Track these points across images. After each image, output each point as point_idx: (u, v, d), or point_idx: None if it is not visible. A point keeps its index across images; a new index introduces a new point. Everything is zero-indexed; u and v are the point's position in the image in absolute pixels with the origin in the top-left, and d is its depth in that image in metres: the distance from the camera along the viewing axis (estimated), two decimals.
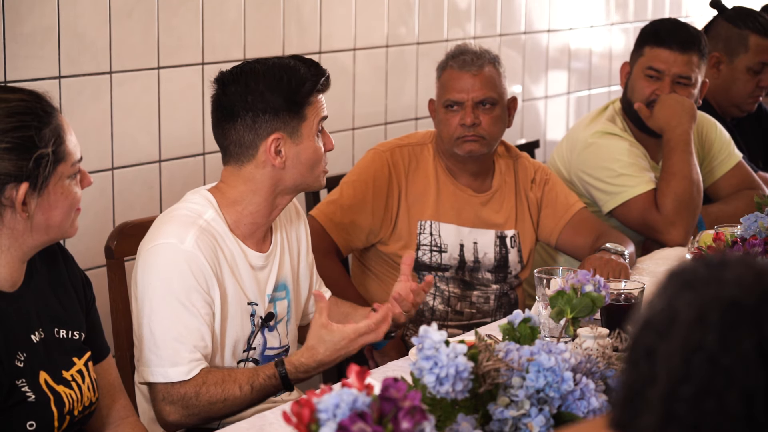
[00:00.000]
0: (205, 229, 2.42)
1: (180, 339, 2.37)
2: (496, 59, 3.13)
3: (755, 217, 2.85)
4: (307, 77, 2.44)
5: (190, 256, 2.37)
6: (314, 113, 2.46)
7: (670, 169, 3.41)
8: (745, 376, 1.11)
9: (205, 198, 2.48)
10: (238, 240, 2.49)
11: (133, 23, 3.19)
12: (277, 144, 2.43)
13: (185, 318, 2.37)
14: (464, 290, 3.17)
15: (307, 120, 2.45)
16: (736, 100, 4.01)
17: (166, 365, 2.37)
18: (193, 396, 2.38)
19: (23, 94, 2.05)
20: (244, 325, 2.49)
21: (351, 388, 1.50)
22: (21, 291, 2.09)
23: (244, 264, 2.49)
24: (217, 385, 2.38)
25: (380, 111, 4.05)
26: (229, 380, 2.39)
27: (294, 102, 2.43)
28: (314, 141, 2.47)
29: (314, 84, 2.45)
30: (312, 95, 2.45)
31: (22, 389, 2.03)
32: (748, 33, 3.99)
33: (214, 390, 2.38)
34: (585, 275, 2.27)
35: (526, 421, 1.83)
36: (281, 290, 2.60)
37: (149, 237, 2.44)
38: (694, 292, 1.15)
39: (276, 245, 2.58)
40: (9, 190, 2.00)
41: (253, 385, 2.38)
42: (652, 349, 1.16)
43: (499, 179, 3.22)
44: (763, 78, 3.99)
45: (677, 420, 1.13)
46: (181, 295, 2.37)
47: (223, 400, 2.38)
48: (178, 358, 2.37)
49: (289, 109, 2.43)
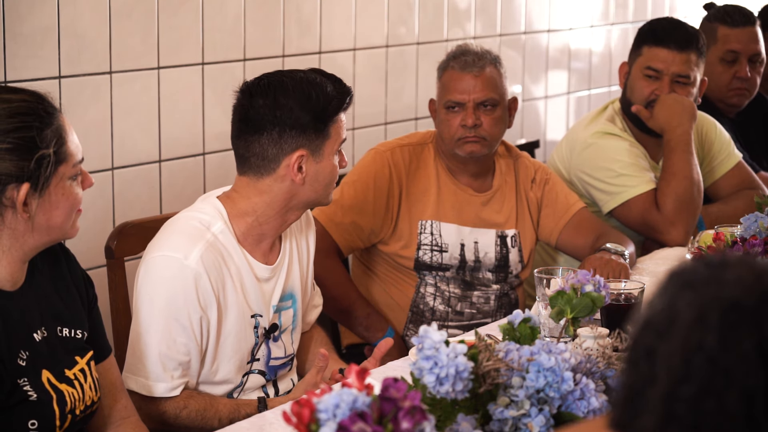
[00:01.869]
0: (212, 244, 2.41)
1: (168, 355, 2.38)
2: (497, 60, 3.13)
3: (755, 217, 2.85)
4: (334, 95, 2.44)
5: (192, 274, 2.37)
6: (337, 132, 2.47)
7: (670, 169, 3.41)
8: (745, 377, 1.11)
9: (215, 208, 2.47)
10: (245, 252, 2.47)
11: (133, 23, 3.19)
12: (300, 161, 2.43)
13: (177, 334, 2.38)
14: (465, 290, 3.17)
15: (330, 139, 2.46)
16: (718, 94, 4.01)
17: (150, 378, 2.38)
18: (171, 417, 2.41)
19: (25, 94, 2.05)
20: (248, 337, 2.49)
21: (351, 388, 1.50)
22: (23, 290, 2.09)
23: (249, 276, 2.48)
24: (198, 412, 2.41)
25: (380, 111, 4.06)
26: (210, 410, 2.41)
27: (321, 120, 2.43)
28: (333, 160, 2.48)
29: (341, 102, 2.45)
30: (337, 113, 2.46)
31: (24, 388, 2.03)
32: (717, 25, 4.00)
33: (194, 417, 2.41)
34: (585, 275, 2.27)
35: (526, 421, 1.83)
36: (287, 300, 2.59)
37: (156, 244, 2.43)
38: (694, 293, 1.15)
39: (284, 256, 2.57)
40: (10, 190, 2.00)
41: (232, 420, 2.37)
42: (652, 349, 1.16)
43: (499, 179, 3.22)
44: (739, 69, 3.98)
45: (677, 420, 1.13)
46: (178, 311, 2.37)
47: (200, 428, 2.41)
48: (162, 375, 2.38)
49: (315, 127, 2.43)
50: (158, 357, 2.38)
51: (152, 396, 2.39)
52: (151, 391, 2.38)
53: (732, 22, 3.97)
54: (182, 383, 2.40)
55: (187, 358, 2.40)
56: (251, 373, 2.53)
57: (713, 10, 4.07)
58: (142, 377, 2.39)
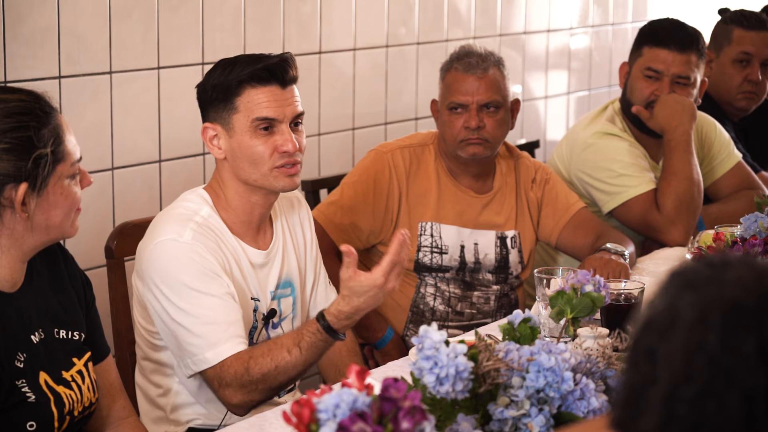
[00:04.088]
0: (202, 225, 2.43)
1: (209, 322, 2.35)
2: (500, 61, 3.12)
3: (755, 217, 2.84)
4: (241, 69, 2.49)
5: (191, 247, 2.38)
6: (247, 107, 2.48)
7: (670, 169, 3.41)
8: (745, 377, 1.11)
9: (200, 196, 2.49)
10: (237, 238, 2.49)
11: (133, 23, 3.19)
12: (211, 136, 2.50)
13: (205, 302, 2.36)
14: (465, 291, 3.17)
15: (239, 113, 2.47)
16: (727, 97, 4.01)
17: (204, 351, 2.35)
18: (243, 372, 2.34)
19: (22, 94, 2.05)
20: (247, 318, 2.49)
21: (351, 388, 1.50)
22: (21, 291, 2.09)
23: (245, 261, 2.49)
24: (264, 355, 2.34)
25: (380, 111, 4.05)
26: (275, 348, 2.35)
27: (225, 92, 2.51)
28: (247, 137, 2.47)
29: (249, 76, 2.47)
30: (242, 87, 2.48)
31: (22, 390, 2.03)
32: (733, 27, 4.00)
33: (263, 361, 2.34)
34: (585, 275, 2.27)
35: (526, 421, 1.83)
36: (285, 287, 2.59)
37: (147, 237, 2.45)
38: (695, 293, 1.15)
39: (277, 241, 2.57)
40: (8, 190, 2.00)
41: (300, 346, 2.33)
42: (653, 349, 1.16)
43: (500, 180, 3.22)
44: (750, 72, 3.98)
45: (678, 420, 1.12)
46: (193, 282, 2.36)
47: (274, 368, 2.33)
48: (213, 340, 2.35)
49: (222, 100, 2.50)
50: (200, 328, 2.35)
51: (216, 363, 2.34)
52: (209, 360, 2.34)
53: (748, 24, 3.98)
54: (237, 340, 2.35)
55: (227, 313, 2.36)
56: None
57: (729, 13, 4.08)
58: (198, 355, 2.35)
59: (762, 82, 4.01)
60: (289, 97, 2.46)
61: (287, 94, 2.46)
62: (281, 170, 2.45)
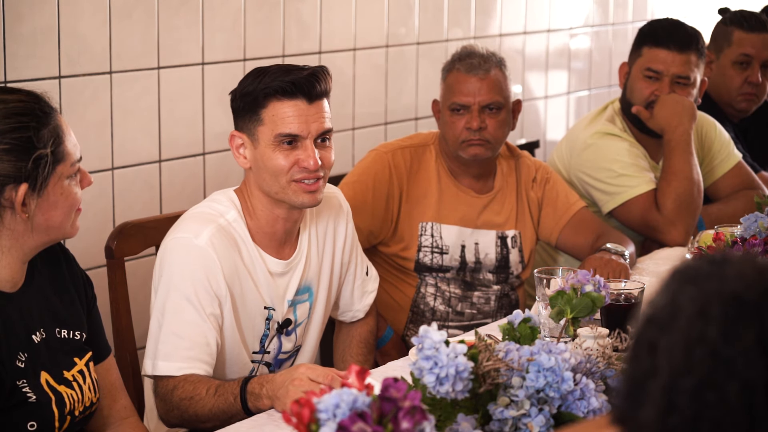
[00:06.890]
0: (224, 228, 2.42)
1: (179, 334, 2.35)
2: (502, 62, 3.12)
3: (755, 217, 2.84)
4: (269, 82, 2.45)
5: (202, 252, 2.37)
6: (272, 120, 2.44)
7: (670, 169, 3.41)
8: (745, 369, 1.11)
9: (230, 199, 2.48)
10: (258, 247, 2.47)
11: (133, 23, 3.19)
12: (238, 144, 2.48)
13: (188, 314, 2.36)
14: (465, 291, 3.17)
15: (264, 125, 2.44)
16: (727, 98, 4.01)
17: (159, 358, 2.35)
18: (170, 391, 2.33)
19: (21, 94, 2.05)
20: (256, 326, 2.48)
21: (351, 388, 1.50)
22: (22, 291, 2.09)
23: (262, 269, 2.47)
24: (191, 383, 2.31)
25: (380, 111, 4.05)
26: (203, 381, 2.31)
27: (253, 104, 2.48)
28: (270, 149, 2.43)
29: (275, 90, 2.42)
30: (267, 99, 2.44)
31: (23, 390, 2.03)
32: (733, 29, 4.00)
33: (188, 387, 2.31)
34: (585, 275, 2.27)
35: (526, 421, 1.83)
36: (303, 293, 2.57)
37: (171, 230, 2.46)
38: (696, 287, 1.16)
39: (301, 250, 2.55)
40: (8, 191, 2.00)
41: (217, 389, 2.28)
42: (654, 342, 1.16)
43: (500, 180, 3.22)
44: (750, 74, 3.98)
45: (678, 411, 1.13)
46: (188, 290, 2.36)
47: (190, 398, 2.29)
48: (172, 353, 2.34)
49: (250, 111, 2.47)
50: (169, 336, 2.34)
51: (160, 375, 2.34)
52: (158, 369, 2.34)
53: (748, 26, 3.98)
54: (193, 363, 2.33)
55: (199, 334, 2.35)
56: (259, 363, 2.52)
57: (729, 14, 4.07)
58: (152, 358, 2.36)
59: (762, 84, 4.01)
60: (315, 113, 2.39)
61: (314, 109, 2.39)
62: (300, 185, 2.40)
